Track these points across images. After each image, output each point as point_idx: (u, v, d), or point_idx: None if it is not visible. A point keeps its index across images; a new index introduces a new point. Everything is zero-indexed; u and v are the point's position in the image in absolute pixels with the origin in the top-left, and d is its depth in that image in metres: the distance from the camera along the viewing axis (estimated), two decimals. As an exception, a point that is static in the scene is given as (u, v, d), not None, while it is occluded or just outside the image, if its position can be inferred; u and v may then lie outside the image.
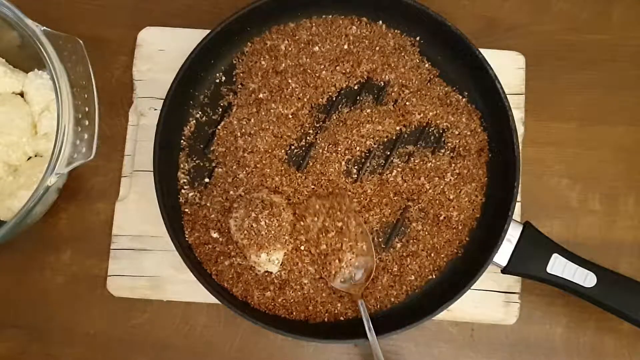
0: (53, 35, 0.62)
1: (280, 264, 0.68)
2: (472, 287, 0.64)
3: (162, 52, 0.75)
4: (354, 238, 0.68)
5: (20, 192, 0.65)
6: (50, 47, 0.62)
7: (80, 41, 0.63)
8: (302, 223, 0.68)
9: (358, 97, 0.72)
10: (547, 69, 0.76)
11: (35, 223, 0.72)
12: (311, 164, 0.71)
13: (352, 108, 0.72)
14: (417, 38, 0.73)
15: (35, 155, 0.70)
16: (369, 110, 0.72)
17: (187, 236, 0.69)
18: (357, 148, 0.71)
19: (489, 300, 0.70)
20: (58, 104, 0.61)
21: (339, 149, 0.71)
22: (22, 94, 0.71)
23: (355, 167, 0.71)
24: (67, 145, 0.60)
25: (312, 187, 0.70)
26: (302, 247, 0.68)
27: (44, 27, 0.62)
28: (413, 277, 0.69)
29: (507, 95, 0.68)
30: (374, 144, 0.72)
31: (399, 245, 0.69)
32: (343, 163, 0.71)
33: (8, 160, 0.68)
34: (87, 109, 0.62)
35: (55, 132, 0.60)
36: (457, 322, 0.71)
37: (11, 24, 0.63)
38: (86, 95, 0.62)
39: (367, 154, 0.71)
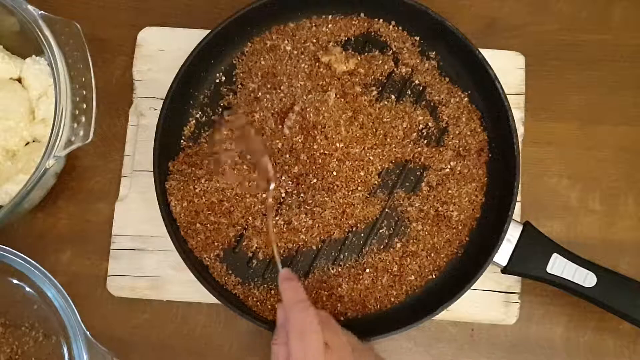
0: (50, 20, 0.63)
1: None
2: (472, 287, 0.64)
3: (162, 52, 0.75)
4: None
5: (18, 176, 0.65)
6: (48, 31, 0.62)
7: (77, 25, 0.63)
8: None
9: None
10: (547, 69, 0.76)
11: (36, 223, 0.72)
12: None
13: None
14: (417, 38, 0.73)
15: (33, 141, 0.70)
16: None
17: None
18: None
19: (489, 300, 0.70)
20: (56, 86, 0.61)
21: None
22: (19, 80, 0.71)
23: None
24: (65, 128, 0.61)
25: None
26: None
27: (42, 11, 0.63)
28: (413, 277, 0.69)
29: (507, 95, 0.68)
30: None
31: (399, 245, 0.69)
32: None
33: (6, 145, 0.68)
34: (84, 92, 0.62)
35: (54, 114, 0.61)
36: (457, 322, 0.71)
37: (9, 9, 0.63)
38: (83, 79, 0.63)
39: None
